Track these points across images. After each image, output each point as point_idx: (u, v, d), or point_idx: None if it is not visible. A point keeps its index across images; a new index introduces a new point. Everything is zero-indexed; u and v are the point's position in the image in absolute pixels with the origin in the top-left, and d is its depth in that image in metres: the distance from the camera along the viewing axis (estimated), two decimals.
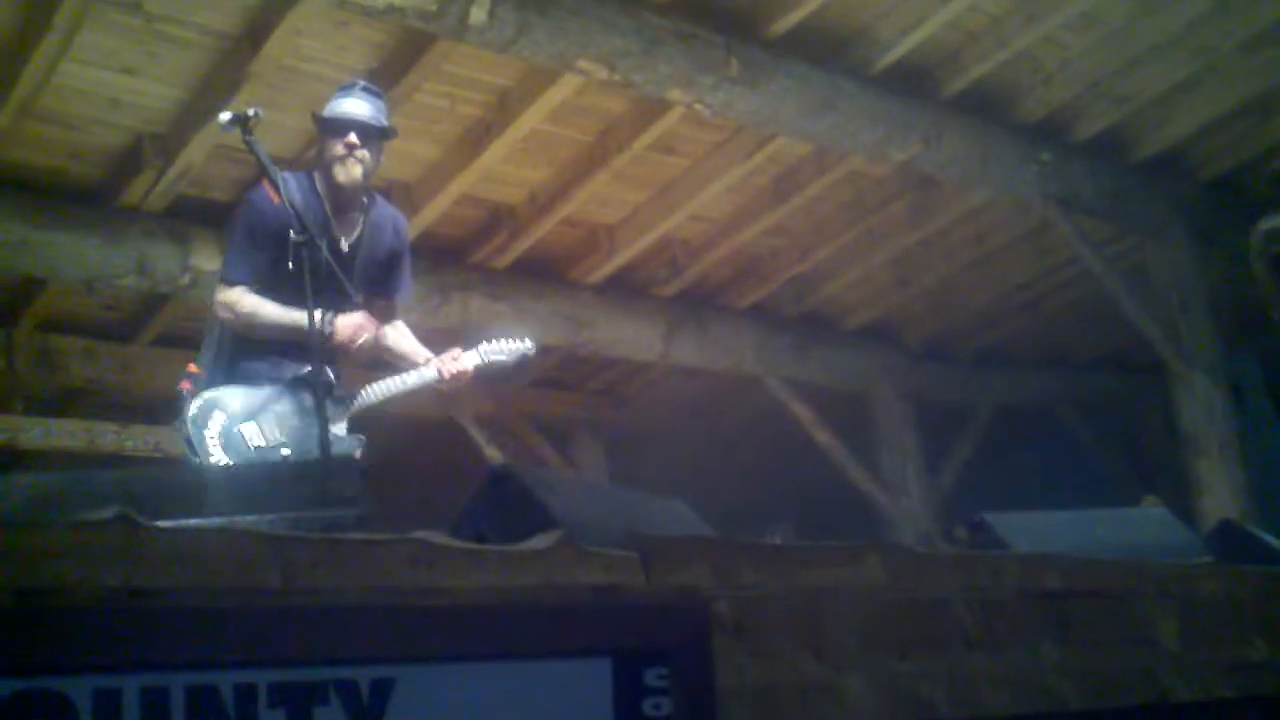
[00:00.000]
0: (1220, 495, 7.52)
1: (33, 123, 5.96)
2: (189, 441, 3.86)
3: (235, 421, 3.89)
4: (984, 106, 7.04)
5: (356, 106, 4.19)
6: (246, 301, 4.00)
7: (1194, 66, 7.09)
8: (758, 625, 2.23)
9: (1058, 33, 6.66)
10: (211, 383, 4.01)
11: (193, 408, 3.89)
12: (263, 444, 3.89)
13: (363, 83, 4.34)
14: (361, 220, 4.22)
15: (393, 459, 9.56)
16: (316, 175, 4.21)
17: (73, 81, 5.81)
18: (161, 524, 1.82)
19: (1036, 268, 9.37)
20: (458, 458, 9.50)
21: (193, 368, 4.06)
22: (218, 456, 3.82)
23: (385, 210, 4.37)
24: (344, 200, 4.17)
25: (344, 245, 4.12)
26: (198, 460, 3.84)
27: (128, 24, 5.53)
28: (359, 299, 4.08)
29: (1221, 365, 7.91)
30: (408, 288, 4.46)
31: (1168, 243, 7.99)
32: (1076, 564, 2.91)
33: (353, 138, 4.11)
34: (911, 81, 6.69)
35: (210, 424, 3.86)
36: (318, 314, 3.79)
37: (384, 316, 4.33)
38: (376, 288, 4.28)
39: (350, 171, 4.11)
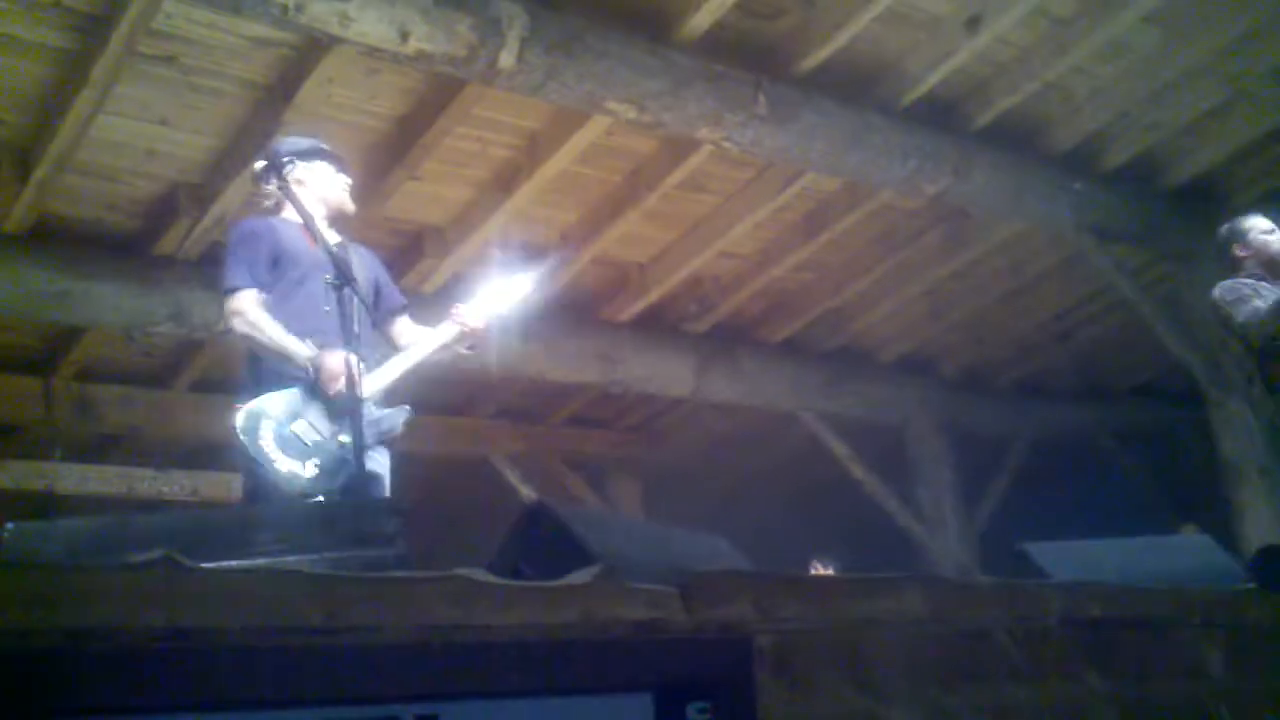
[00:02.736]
0: (1262, 521, 7.44)
1: (70, 175, 6.05)
2: (248, 455, 3.85)
3: (284, 423, 3.89)
4: (1014, 137, 7.04)
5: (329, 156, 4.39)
6: (257, 312, 4.04)
7: (1224, 93, 7.08)
8: (800, 659, 2.22)
9: (1086, 62, 6.66)
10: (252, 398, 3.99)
11: (239, 421, 3.88)
12: (318, 438, 3.89)
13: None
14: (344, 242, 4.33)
15: (429, 499, 9.61)
16: (293, 214, 4.26)
17: (109, 134, 5.90)
18: (205, 565, 1.84)
19: (1071, 297, 9.35)
20: (493, 498, 9.53)
21: (238, 407, 4.04)
22: (280, 461, 3.81)
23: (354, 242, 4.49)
24: (337, 227, 4.32)
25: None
26: (262, 470, 3.83)
27: (162, 76, 5.62)
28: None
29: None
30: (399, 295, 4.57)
31: (1203, 270, 7.94)
32: (1119, 592, 2.89)
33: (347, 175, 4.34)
34: (940, 114, 6.70)
35: (261, 431, 3.86)
36: (309, 350, 3.91)
37: (407, 332, 4.44)
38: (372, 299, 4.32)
39: (351, 204, 4.35)
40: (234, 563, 2.07)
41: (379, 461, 4.09)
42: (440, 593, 1.89)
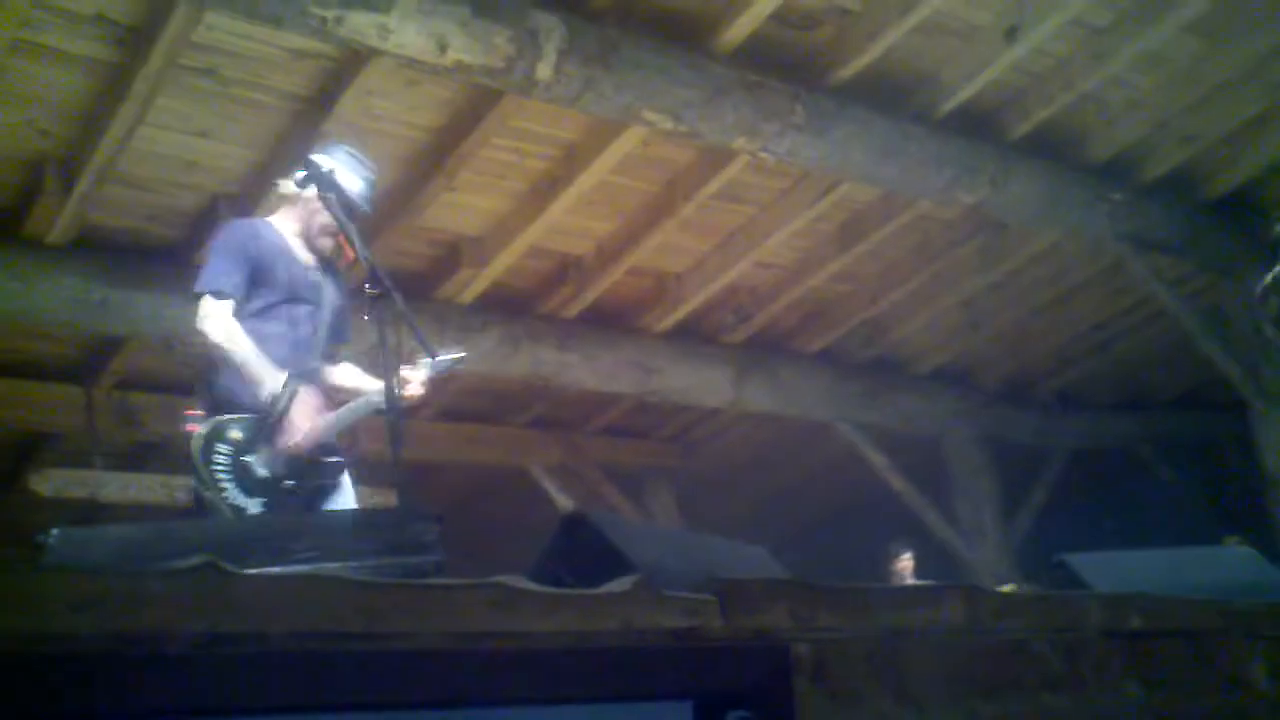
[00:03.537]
0: None
1: (112, 186, 6.11)
2: (199, 476, 3.82)
3: (239, 453, 3.87)
4: (1052, 147, 7.01)
5: (366, 202, 4.30)
6: (233, 323, 3.97)
7: (1264, 103, 7.03)
8: (838, 668, 2.21)
9: (1124, 73, 6.63)
10: (210, 416, 3.97)
11: (196, 441, 3.86)
12: (265, 475, 3.87)
13: (374, 177, 4.42)
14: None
15: (464, 508, 9.64)
16: (284, 219, 4.29)
17: (150, 145, 5.95)
18: (246, 571, 1.85)
19: (1110, 308, 9.29)
20: (529, 507, 9.54)
21: (191, 412, 4.02)
22: (228, 491, 3.80)
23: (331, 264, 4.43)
24: (314, 253, 4.28)
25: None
26: (209, 495, 3.80)
27: (203, 88, 5.67)
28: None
29: None
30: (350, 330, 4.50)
31: (1245, 280, 7.87)
32: (1160, 604, 2.86)
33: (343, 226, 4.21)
34: (978, 124, 6.68)
35: (216, 457, 3.84)
36: (281, 379, 3.86)
37: (340, 369, 4.40)
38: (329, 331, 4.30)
39: (328, 250, 4.25)
40: (275, 569, 2.08)
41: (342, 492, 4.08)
42: (480, 599, 1.89)
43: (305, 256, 4.22)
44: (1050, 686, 2.54)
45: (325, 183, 4.17)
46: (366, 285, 3.88)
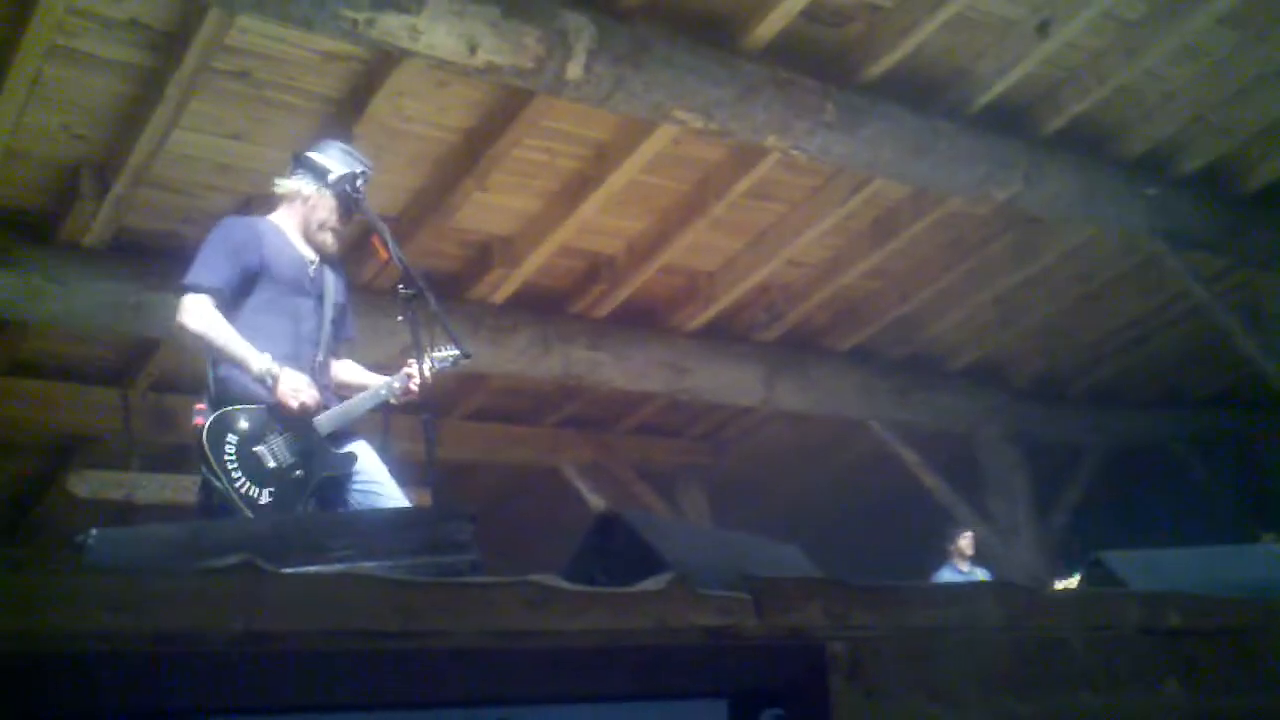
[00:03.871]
0: None
1: (147, 189, 6.15)
2: (208, 468, 3.84)
3: (247, 443, 3.89)
4: (1086, 142, 6.96)
5: (363, 195, 4.25)
6: (208, 314, 3.98)
7: None
8: (873, 666, 2.20)
9: (1158, 66, 6.58)
10: (216, 409, 3.97)
11: (205, 431, 3.88)
12: (275, 465, 3.90)
13: (370, 172, 4.38)
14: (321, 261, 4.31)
15: (496, 507, 9.65)
16: (285, 216, 4.28)
17: (184, 148, 5.99)
18: (284, 570, 1.86)
19: (1145, 304, 9.22)
20: (562, 507, 9.56)
21: (199, 406, 4.03)
22: (240, 480, 3.82)
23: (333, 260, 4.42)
24: (315, 249, 4.27)
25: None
26: (219, 485, 3.82)
27: (236, 91, 5.70)
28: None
29: None
30: (354, 327, 4.51)
31: None
32: (1199, 602, 2.84)
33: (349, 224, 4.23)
34: (1010, 120, 6.64)
35: (225, 447, 3.86)
36: (265, 360, 3.88)
37: (345, 365, 4.40)
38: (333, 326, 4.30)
39: (330, 246, 4.25)
40: (312, 568, 2.09)
41: (373, 481, 4.09)
42: (516, 598, 1.90)
43: (306, 252, 4.23)
44: (1088, 685, 2.53)
45: (327, 179, 4.20)
46: (400, 286, 3.90)
